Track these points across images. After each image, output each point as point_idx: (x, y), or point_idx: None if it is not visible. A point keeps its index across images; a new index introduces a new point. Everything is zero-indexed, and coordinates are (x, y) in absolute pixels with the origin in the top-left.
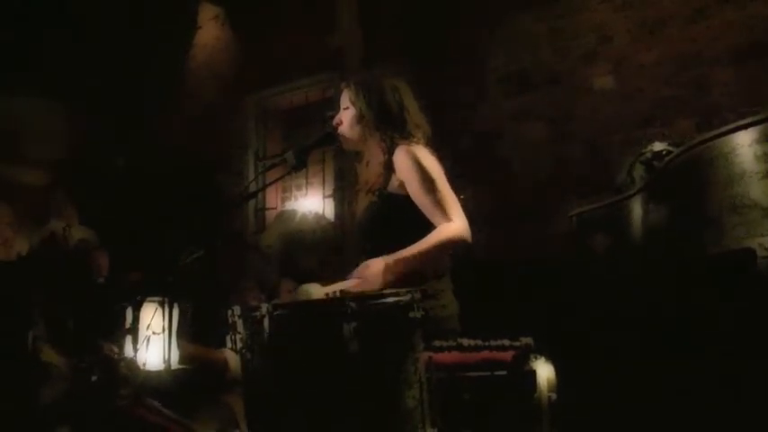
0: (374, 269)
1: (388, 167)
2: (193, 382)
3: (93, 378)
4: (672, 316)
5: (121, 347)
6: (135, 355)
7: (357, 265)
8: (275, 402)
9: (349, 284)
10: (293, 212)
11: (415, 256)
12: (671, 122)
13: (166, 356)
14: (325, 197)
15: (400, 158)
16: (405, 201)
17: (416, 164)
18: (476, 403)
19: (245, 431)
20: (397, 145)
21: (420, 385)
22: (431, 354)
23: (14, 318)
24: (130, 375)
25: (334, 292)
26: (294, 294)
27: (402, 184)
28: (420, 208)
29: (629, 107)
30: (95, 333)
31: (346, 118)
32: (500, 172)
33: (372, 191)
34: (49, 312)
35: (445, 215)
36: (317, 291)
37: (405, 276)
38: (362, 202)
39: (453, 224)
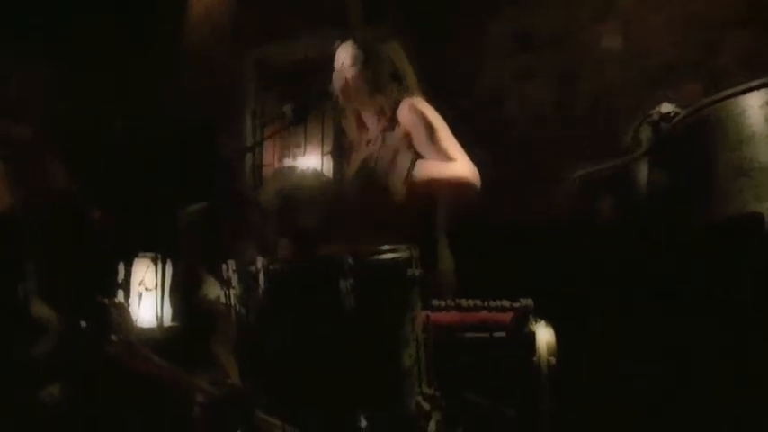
0: None
1: (392, 121)
2: (187, 339)
3: (83, 324)
4: (676, 280)
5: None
6: (127, 304)
7: (357, 227)
8: (270, 359)
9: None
10: (291, 169)
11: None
12: (679, 85)
13: (159, 314)
14: (323, 155)
15: (406, 110)
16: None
17: (422, 114)
18: (474, 364)
19: (237, 385)
20: (401, 100)
21: (417, 344)
22: (428, 313)
23: (6, 272)
24: (121, 321)
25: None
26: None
27: (406, 136)
28: (425, 157)
29: (637, 69)
30: (88, 288)
31: (349, 74)
32: (503, 134)
33: (377, 148)
34: (42, 267)
35: (452, 161)
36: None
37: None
38: (359, 158)
39: (464, 165)
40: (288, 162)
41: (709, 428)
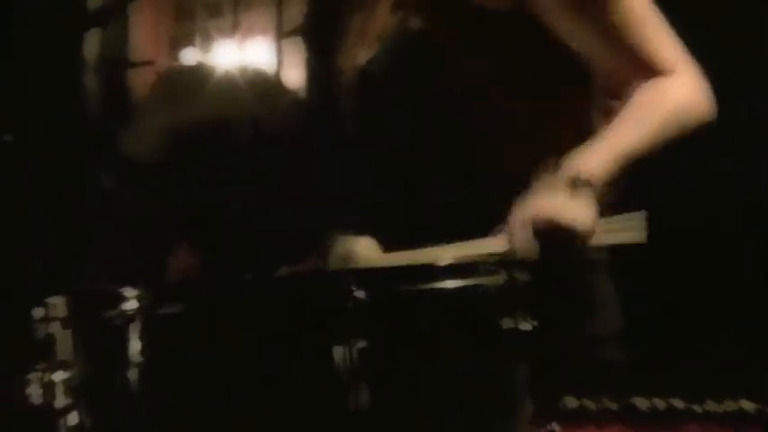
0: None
1: None
2: None
3: None
4: None
5: None
6: None
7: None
8: None
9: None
10: (201, 71)
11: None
12: None
13: None
14: (281, 38)
15: None
16: (519, 28)
17: None
18: None
19: None
20: None
21: None
22: (554, 426)
23: None
24: None
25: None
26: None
27: None
28: (576, 48)
29: None
30: None
31: None
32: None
33: (415, 8)
34: None
35: (656, 62)
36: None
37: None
38: (379, 39)
39: (681, 78)
40: (192, 56)
41: None
